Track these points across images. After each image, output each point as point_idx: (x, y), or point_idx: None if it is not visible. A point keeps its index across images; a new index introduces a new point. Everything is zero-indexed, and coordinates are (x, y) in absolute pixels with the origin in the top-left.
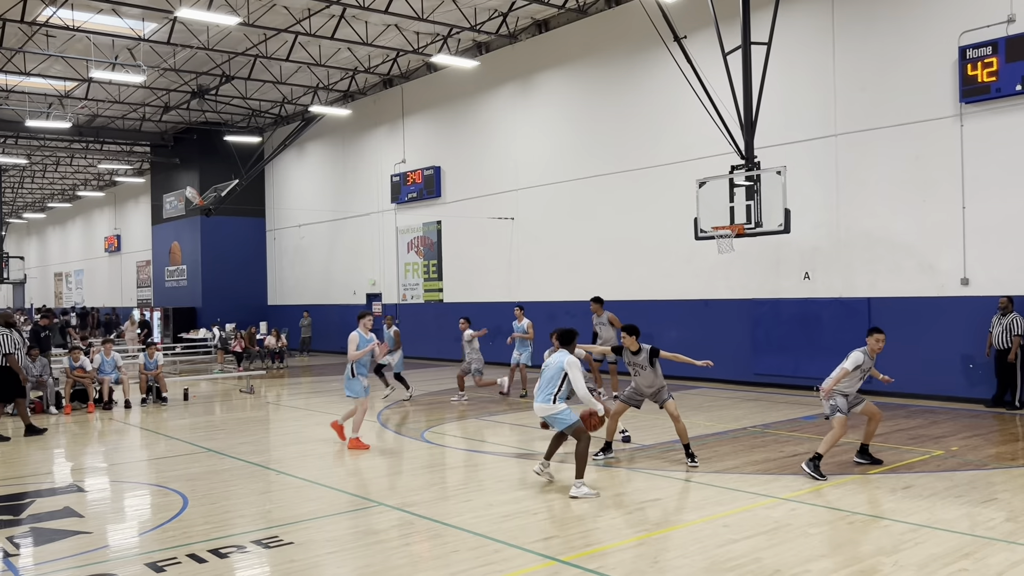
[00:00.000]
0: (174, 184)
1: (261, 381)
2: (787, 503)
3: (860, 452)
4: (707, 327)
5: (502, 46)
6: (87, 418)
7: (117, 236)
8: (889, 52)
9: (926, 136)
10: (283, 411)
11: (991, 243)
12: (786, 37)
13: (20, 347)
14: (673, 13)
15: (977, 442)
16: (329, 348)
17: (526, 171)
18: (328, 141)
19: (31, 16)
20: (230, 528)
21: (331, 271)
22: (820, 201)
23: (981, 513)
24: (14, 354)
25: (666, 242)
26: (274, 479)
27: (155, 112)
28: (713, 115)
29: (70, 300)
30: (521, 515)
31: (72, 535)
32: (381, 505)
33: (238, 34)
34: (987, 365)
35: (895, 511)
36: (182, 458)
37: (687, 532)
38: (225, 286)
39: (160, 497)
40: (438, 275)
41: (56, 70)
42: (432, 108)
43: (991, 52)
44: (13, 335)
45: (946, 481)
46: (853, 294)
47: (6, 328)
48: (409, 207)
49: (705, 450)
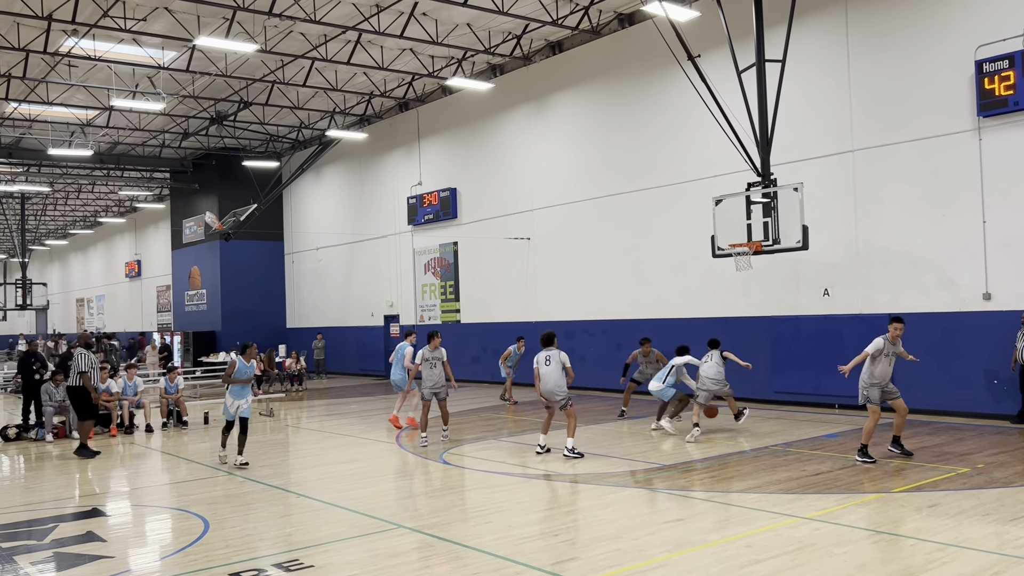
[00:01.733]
0: (193, 209)
1: (280, 404)
2: (811, 523)
3: (893, 442)
4: (726, 345)
5: (516, 68)
6: (109, 442)
7: (138, 261)
8: (905, 67)
9: (944, 150)
10: (303, 434)
11: (1013, 257)
12: (800, 53)
13: (95, 367)
14: (686, 32)
15: (1004, 459)
16: (347, 370)
17: (541, 191)
18: (345, 165)
19: (54, 47)
20: (251, 552)
21: (349, 293)
22: (838, 217)
23: (1009, 532)
24: (87, 372)
25: (683, 260)
26: (294, 502)
27: (175, 139)
28: (728, 133)
29: (91, 325)
30: (541, 537)
31: (95, 559)
32: (401, 527)
33: (256, 61)
34: (1012, 380)
35: (921, 530)
36: (203, 482)
37: (710, 553)
38: (244, 310)
39: (181, 521)
40: (455, 296)
41: (78, 99)
42: (448, 130)
43: (1008, 66)
44: (89, 356)
45: (973, 499)
46: (873, 310)
47: (85, 348)
48: (426, 229)
49: (727, 469)
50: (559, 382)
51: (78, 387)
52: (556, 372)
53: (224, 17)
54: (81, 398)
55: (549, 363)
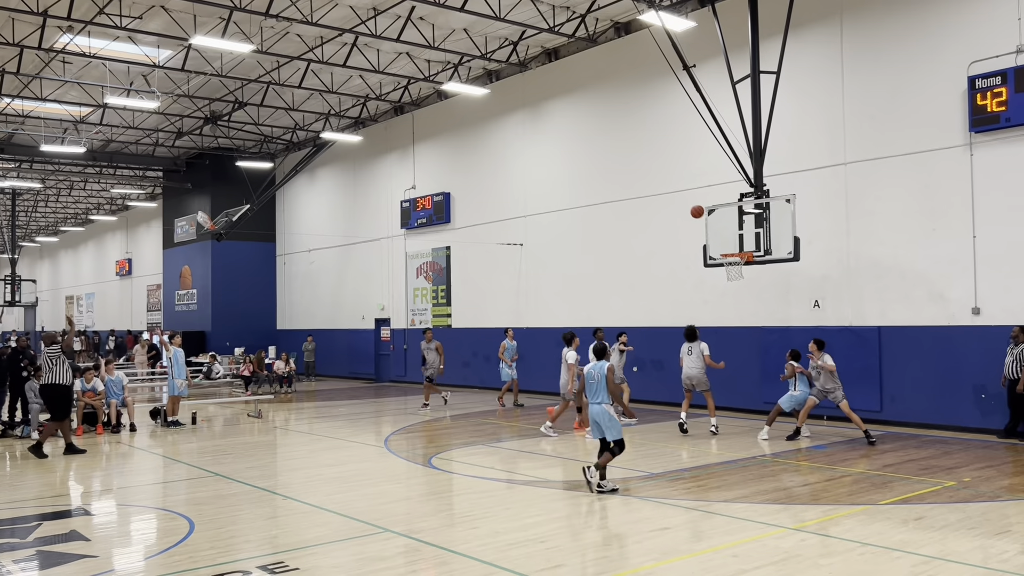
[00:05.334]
0: (186, 209)
1: (269, 405)
2: (797, 533)
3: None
4: (716, 354)
5: (512, 74)
6: (95, 440)
7: (128, 260)
8: (898, 81)
9: (936, 165)
10: (291, 436)
11: (1002, 272)
12: (795, 66)
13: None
14: (682, 42)
15: (990, 473)
16: (337, 373)
17: (535, 198)
18: (339, 167)
19: (48, 43)
20: (236, 553)
21: (340, 296)
22: (829, 229)
23: (995, 545)
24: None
25: (675, 269)
26: (281, 504)
27: (168, 137)
28: (722, 143)
29: (80, 323)
30: (528, 543)
31: (78, 559)
32: (387, 531)
33: (251, 61)
34: (1000, 395)
35: (907, 543)
36: (189, 482)
37: (696, 562)
38: (235, 310)
39: (167, 521)
40: (447, 300)
41: (72, 96)
42: (442, 135)
43: (1000, 82)
44: (52, 354)
45: (958, 513)
46: (863, 323)
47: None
48: (418, 233)
49: (714, 479)
50: (700, 370)
51: (51, 385)
52: (698, 362)
53: (220, 17)
54: (52, 397)
55: (691, 353)
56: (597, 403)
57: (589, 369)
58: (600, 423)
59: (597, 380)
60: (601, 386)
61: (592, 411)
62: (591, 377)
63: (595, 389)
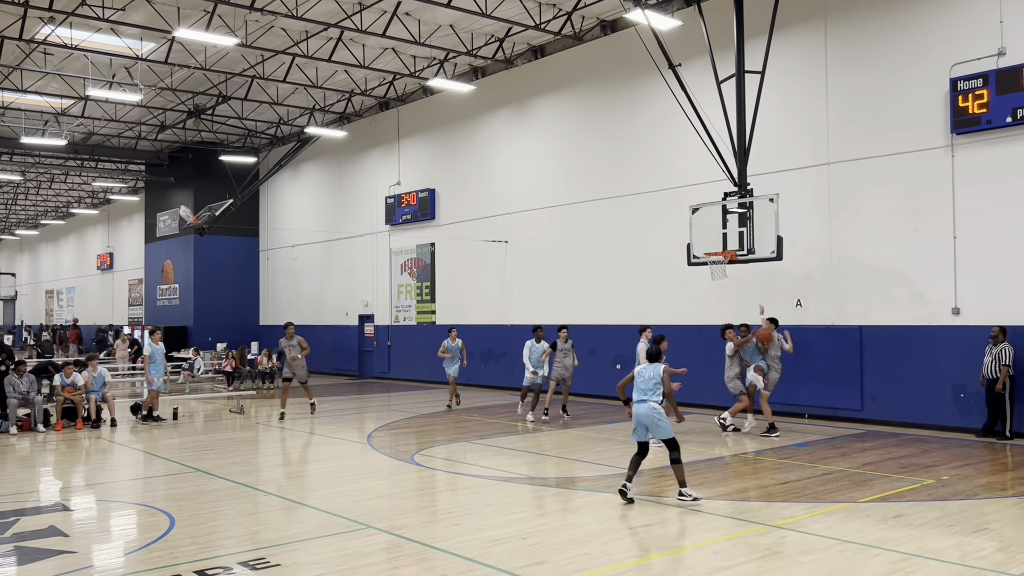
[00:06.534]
0: (168, 203)
1: (251, 401)
2: (778, 530)
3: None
4: (700, 353)
5: (498, 71)
6: (75, 436)
7: (110, 254)
8: (881, 83)
9: (918, 166)
10: (273, 431)
11: (982, 273)
12: (780, 66)
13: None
14: (668, 41)
15: (968, 472)
16: (320, 369)
17: (520, 195)
18: (323, 162)
19: (30, 34)
20: (217, 549)
21: (324, 292)
22: (812, 229)
23: (972, 543)
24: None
25: (659, 267)
26: (262, 500)
27: (151, 131)
28: (707, 142)
29: (61, 317)
30: (511, 540)
31: (56, 554)
32: (370, 528)
33: (235, 55)
34: (978, 394)
35: (886, 540)
36: (170, 478)
37: (677, 559)
38: (217, 305)
39: (147, 517)
40: (431, 297)
41: (53, 88)
42: (428, 131)
43: (982, 84)
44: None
45: (937, 510)
46: (845, 322)
47: None
48: (403, 229)
49: (696, 476)
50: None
51: None
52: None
53: (205, 10)
54: None
55: None
56: (641, 401)
57: (641, 370)
58: (646, 423)
59: (648, 379)
60: (652, 385)
61: (638, 411)
62: (642, 377)
63: (645, 389)
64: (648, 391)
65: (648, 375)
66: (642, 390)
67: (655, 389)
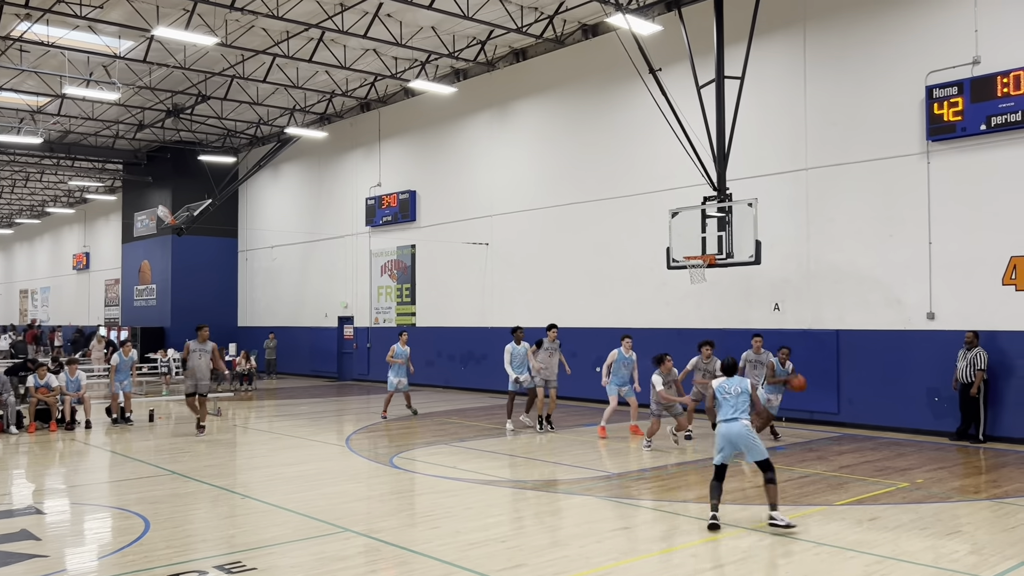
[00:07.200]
0: (146, 203)
1: (229, 403)
2: (755, 533)
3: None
4: (678, 356)
5: (480, 73)
6: (48, 438)
7: (86, 254)
8: (859, 90)
9: (894, 172)
10: (250, 434)
11: (956, 278)
12: (759, 72)
13: None
14: (648, 46)
15: (942, 475)
16: (299, 371)
17: (501, 197)
18: (303, 163)
19: (5, 31)
20: (192, 553)
21: (303, 293)
22: (790, 234)
23: (945, 545)
24: None
25: (638, 271)
26: (239, 503)
27: (129, 130)
28: (686, 146)
29: (35, 317)
30: (489, 543)
31: (28, 558)
32: (347, 531)
33: (215, 54)
34: (952, 398)
35: (861, 543)
36: (145, 480)
37: (655, 561)
38: (195, 306)
39: (121, 520)
40: (411, 299)
41: (29, 85)
42: (409, 133)
43: (957, 92)
44: None
45: (911, 513)
46: (821, 326)
47: None
48: (384, 230)
49: (674, 479)
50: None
51: None
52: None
53: (184, 9)
54: None
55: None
56: (732, 420)
57: (722, 384)
58: (741, 444)
59: (736, 395)
60: (741, 401)
61: (729, 430)
62: (725, 392)
63: (731, 405)
64: (737, 408)
65: (734, 390)
66: (730, 406)
67: (745, 405)
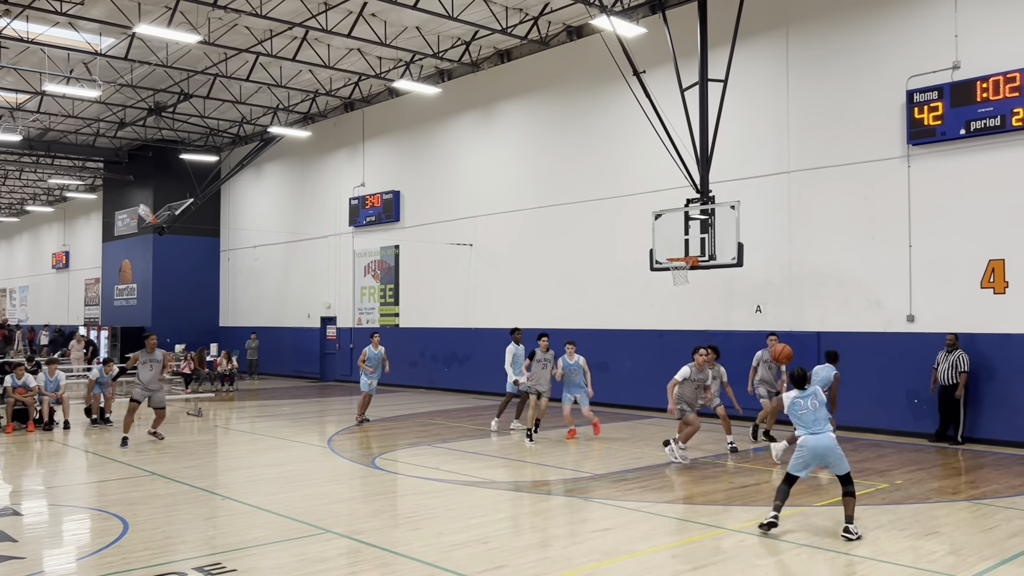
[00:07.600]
0: (127, 201)
1: (210, 404)
2: (736, 534)
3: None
4: (661, 357)
5: (464, 74)
6: (26, 438)
7: (66, 253)
8: (841, 93)
9: (875, 176)
10: (231, 435)
11: (936, 281)
12: (742, 75)
13: None
14: (633, 48)
15: (921, 476)
16: (281, 371)
17: (485, 198)
18: (286, 162)
19: None
20: (171, 554)
21: (285, 293)
22: (772, 236)
23: (924, 546)
24: None
25: (622, 273)
26: (219, 504)
27: (110, 128)
28: (670, 149)
29: (13, 317)
30: (471, 544)
31: (4, 560)
32: (328, 532)
33: (198, 52)
34: (931, 400)
35: (841, 543)
36: (124, 481)
37: (636, 562)
38: (176, 306)
39: (100, 522)
40: (395, 300)
41: (8, 82)
42: (393, 133)
43: (937, 97)
44: None
45: (890, 514)
46: (803, 328)
47: None
48: (367, 231)
49: (656, 480)
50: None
51: None
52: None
53: (167, 6)
54: None
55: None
56: (821, 433)
57: (796, 397)
58: (828, 457)
59: (815, 408)
60: (822, 415)
61: (818, 444)
62: (802, 407)
63: (816, 419)
64: (818, 421)
65: (813, 404)
66: (812, 420)
67: (825, 418)
